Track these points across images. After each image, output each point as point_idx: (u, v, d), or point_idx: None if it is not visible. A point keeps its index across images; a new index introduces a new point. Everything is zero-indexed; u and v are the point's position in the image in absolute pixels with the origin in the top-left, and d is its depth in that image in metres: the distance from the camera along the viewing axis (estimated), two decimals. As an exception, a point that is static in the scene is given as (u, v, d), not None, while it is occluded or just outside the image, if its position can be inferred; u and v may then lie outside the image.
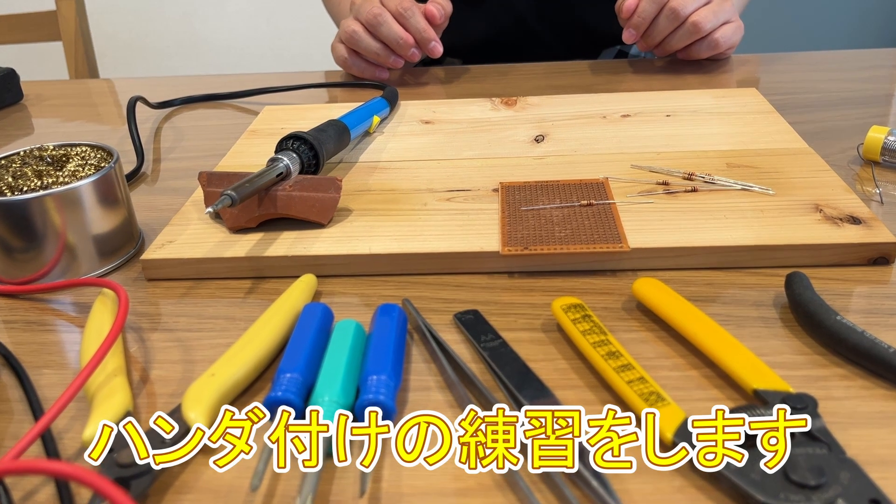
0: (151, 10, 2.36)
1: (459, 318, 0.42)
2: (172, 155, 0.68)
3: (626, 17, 0.77)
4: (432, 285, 0.46)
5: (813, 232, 0.45)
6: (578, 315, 0.39)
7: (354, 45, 0.79)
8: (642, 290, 0.41)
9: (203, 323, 0.43)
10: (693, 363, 0.38)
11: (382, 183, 0.56)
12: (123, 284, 0.48)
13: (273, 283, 0.47)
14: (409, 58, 0.78)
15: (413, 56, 0.78)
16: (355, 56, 0.81)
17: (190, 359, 0.40)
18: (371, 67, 0.82)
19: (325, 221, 0.49)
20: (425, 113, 0.69)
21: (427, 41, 0.77)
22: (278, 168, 0.49)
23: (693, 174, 0.53)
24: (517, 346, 0.39)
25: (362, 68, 0.82)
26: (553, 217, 0.48)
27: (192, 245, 0.48)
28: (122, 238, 0.50)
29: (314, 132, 0.55)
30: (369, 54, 0.79)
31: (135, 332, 0.43)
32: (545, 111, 0.68)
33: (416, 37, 0.77)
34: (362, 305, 0.44)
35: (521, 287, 0.45)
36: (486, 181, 0.55)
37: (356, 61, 0.82)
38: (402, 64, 0.80)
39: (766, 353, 0.38)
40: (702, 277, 0.45)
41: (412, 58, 0.78)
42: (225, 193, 0.45)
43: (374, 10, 0.76)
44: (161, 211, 0.57)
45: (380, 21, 0.76)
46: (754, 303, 0.42)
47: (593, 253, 0.45)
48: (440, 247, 0.46)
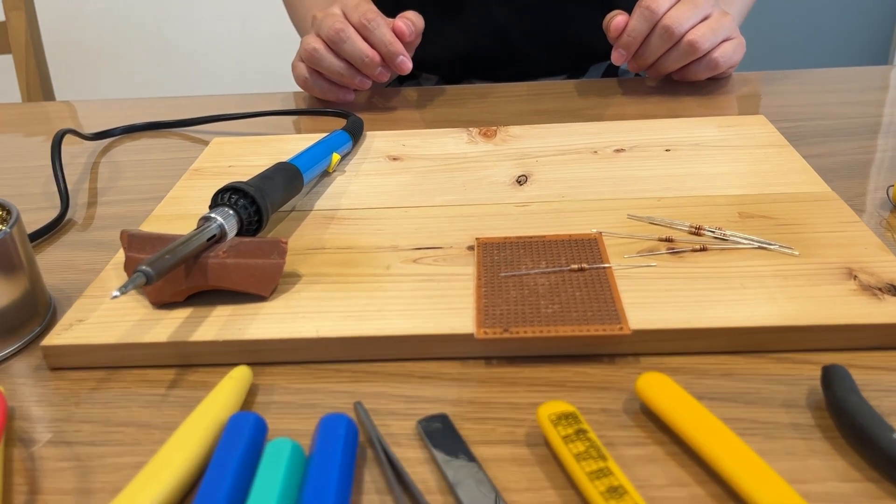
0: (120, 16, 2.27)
1: (424, 428, 0.34)
2: (105, 197, 0.59)
3: (614, 35, 0.69)
4: (393, 377, 0.38)
5: (849, 308, 0.38)
6: (571, 430, 0.31)
7: (316, 64, 0.71)
8: (647, 392, 0.34)
9: (110, 433, 0.35)
10: (714, 493, 0.30)
11: (339, 238, 0.48)
12: (24, 374, 0.40)
13: (201, 372, 0.39)
14: (376, 77, 0.70)
15: (381, 76, 0.70)
16: (317, 76, 0.73)
17: (86, 487, 0.32)
18: (335, 89, 0.74)
19: (267, 293, 0.41)
20: (394, 147, 0.61)
21: (394, 55, 0.68)
22: (209, 231, 0.41)
23: (701, 228, 0.45)
24: (495, 467, 0.32)
25: (325, 89, 0.73)
26: (538, 286, 0.41)
27: (106, 325, 0.40)
28: (21, 315, 0.41)
29: (258, 181, 0.47)
30: (332, 74, 0.71)
31: (23, 445, 0.35)
32: (528, 144, 0.60)
33: (381, 51, 0.68)
34: (306, 407, 0.36)
35: (500, 379, 0.37)
36: (461, 235, 0.47)
37: (318, 82, 0.73)
38: (369, 84, 0.72)
39: (805, 480, 0.30)
40: (718, 365, 0.37)
41: (379, 77, 0.70)
42: (139, 270, 0.36)
43: (335, 26, 0.68)
44: (81, 272, 0.49)
45: (342, 37, 0.68)
46: (784, 402, 0.34)
47: (587, 337, 0.37)
48: (404, 327, 0.39)
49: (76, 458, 0.34)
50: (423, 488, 0.31)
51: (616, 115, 0.69)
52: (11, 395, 0.38)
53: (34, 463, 0.34)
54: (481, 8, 0.85)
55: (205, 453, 0.32)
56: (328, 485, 0.30)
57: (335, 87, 0.73)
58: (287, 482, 0.30)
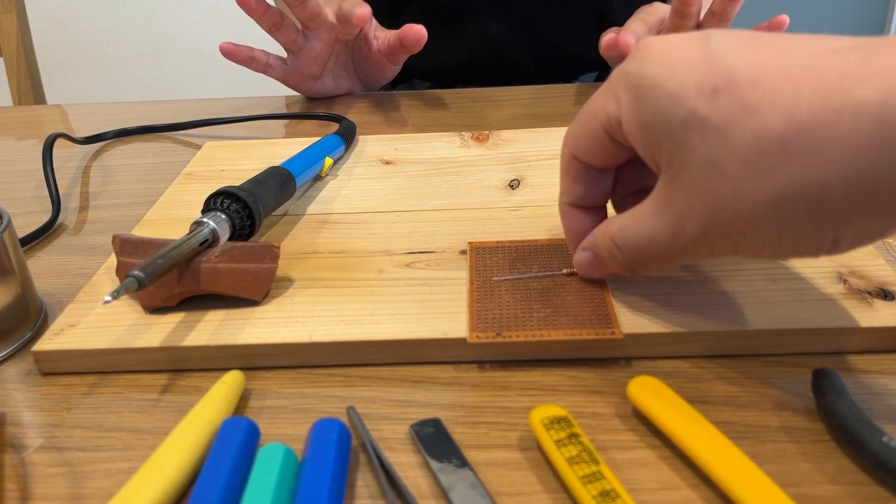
0: (111, 17, 2.26)
1: (417, 432, 0.34)
2: (97, 202, 0.59)
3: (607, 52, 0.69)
4: (386, 381, 0.38)
5: (839, 312, 0.38)
6: (564, 434, 0.32)
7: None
8: (639, 396, 0.34)
9: (102, 438, 0.35)
10: (705, 497, 0.30)
11: (332, 243, 0.48)
12: (15, 380, 0.39)
13: (194, 377, 0.39)
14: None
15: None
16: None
17: (79, 492, 0.32)
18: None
19: (259, 298, 0.41)
20: (386, 151, 0.61)
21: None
22: (201, 235, 0.41)
23: (692, 232, 0.45)
24: (488, 471, 0.32)
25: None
26: (531, 290, 0.41)
27: (98, 330, 0.40)
28: (12, 320, 0.41)
29: (250, 185, 0.47)
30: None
31: (14, 451, 0.35)
32: (521, 148, 0.60)
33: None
34: (298, 411, 0.36)
35: (493, 383, 0.37)
36: (453, 240, 0.47)
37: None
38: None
39: (795, 483, 0.31)
40: (710, 369, 0.37)
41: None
42: (130, 275, 0.36)
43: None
44: (73, 276, 0.48)
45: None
46: (775, 405, 0.35)
47: (579, 341, 0.37)
48: (396, 332, 0.39)
49: (68, 463, 0.34)
50: (416, 493, 0.31)
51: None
52: (2, 401, 0.38)
53: (25, 469, 0.34)
54: (478, 20, 0.85)
55: (197, 458, 0.32)
56: (321, 490, 0.30)
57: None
58: (279, 487, 0.30)
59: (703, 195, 0.30)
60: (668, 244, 0.33)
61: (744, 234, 0.30)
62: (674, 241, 0.33)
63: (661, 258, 0.34)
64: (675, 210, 0.32)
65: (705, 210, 0.31)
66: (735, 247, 0.31)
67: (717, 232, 0.31)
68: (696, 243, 0.32)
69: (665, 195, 0.32)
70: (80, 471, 0.33)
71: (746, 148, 0.29)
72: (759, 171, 0.29)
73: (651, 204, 0.34)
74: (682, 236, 0.32)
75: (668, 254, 0.34)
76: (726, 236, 0.31)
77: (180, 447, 0.32)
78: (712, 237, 0.31)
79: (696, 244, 0.32)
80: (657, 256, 0.34)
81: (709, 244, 0.32)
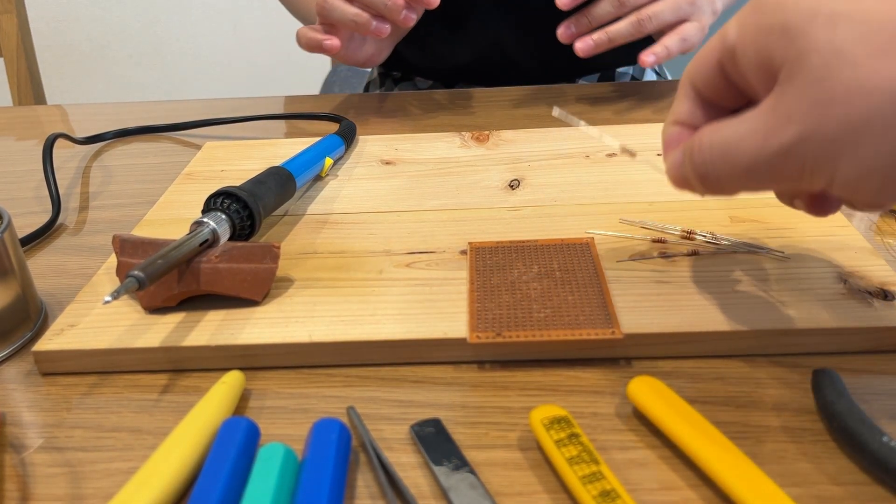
0: (111, 17, 2.26)
1: (417, 432, 0.34)
2: (97, 202, 0.59)
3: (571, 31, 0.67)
4: (386, 381, 0.38)
5: (839, 312, 0.38)
6: (564, 434, 0.32)
7: (327, 16, 0.65)
8: (639, 396, 0.34)
9: (102, 439, 0.35)
10: (705, 497, 0.30)
11: (332, 243, 0.48)
12: (15, 380, 0.39)
13: (194, 377, 0.39)
14: (401, 22, 0.64)
15: (407, 20, 0.64)
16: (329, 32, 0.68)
17: (79, 493, 0.32)
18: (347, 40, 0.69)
19: (259, 298, 0.41)
20: (386, 151, 0.61)
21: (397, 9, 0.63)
22: (201, 235, 0.41)
23: (693, 232, 0.46)
24: (488, 471, 0.32)
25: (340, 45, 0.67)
26: (531, 290, 0.41)
27: (98, 330, 0.40)
28: (12, 320, 0.41)
29: (250, 185, 0.47)
30: (345, 23, 0.65)
31: (14, 451, 0.35)
32: (520, 148, 0.60)
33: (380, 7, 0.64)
34: (298, 411, 0.36)
35: (493, 383, 0.37)
36: (453, 240, 0.47)
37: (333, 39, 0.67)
38: (387, 31, 0.66)
39: (795, 483, 0.31)
40: (711, 369, 0.37)
41: (405, 22, 0.65)
42: (131, 275, 0.36)
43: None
44: (73, 277, 0.48)
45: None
46: (775, 405, 0.35)
47: (579, 341, 0.37)
48: (396, 332, 0.39)
49: (68, 463, 0.34)
50: (416, 493, 0.31)
51: (608, 120, 0.69)
52: (2, 401, 0.38)
53: (25, 469, 0.34)
54: (483, 22, 0.85)
55: (197, 458, 0.32)
56: (321, 490, 0.30)
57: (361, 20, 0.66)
58: (280, 487, 0.30)
59: (816, 88, 0.27)
60: (756, 149, 0.30)
61: (845, 149, 0.27)
62: (764, 145, 0.29)
63: (741, 169, 0.31)
64: (780, 110, 0.29)
65: (815, 106, 0.27)
66: (831, 165, 0.28)
67: (818, 139, 0.28)
68: (787, 154, 0.29)
69: (772, 99, 0.29)
70: (80, 471, 0.33)
71: (880, 34, 0.26)
72: (890, 59, 0.26)
73: (756, 109, 0.30)
74: (776, 140, 0.29)
75: (751, 163, 0.30)
76: (826, 146, 0.28)
77: (180, 447, 0.32)
78: (810, 145, 0.28)
79: (786, 155, 0.29)
80: (737, 165, 0.31)
81: (800, 156, 0.28)
